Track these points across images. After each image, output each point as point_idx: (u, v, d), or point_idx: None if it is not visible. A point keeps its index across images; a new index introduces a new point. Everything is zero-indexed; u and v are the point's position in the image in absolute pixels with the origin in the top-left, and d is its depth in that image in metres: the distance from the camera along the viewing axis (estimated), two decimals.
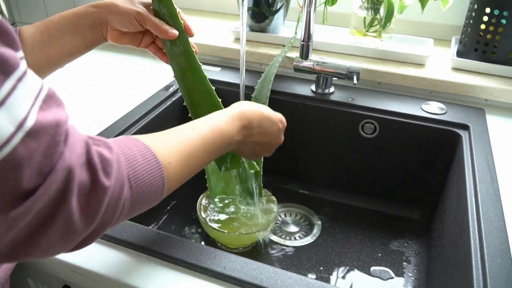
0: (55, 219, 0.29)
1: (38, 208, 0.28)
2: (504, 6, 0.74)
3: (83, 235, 0.32)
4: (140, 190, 0.36)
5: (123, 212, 0.35)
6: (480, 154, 0.63)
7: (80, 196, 0.30)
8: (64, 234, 0.30)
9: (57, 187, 0.28)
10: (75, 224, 0.30)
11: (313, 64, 0.77)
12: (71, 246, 0.32)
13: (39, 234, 0.29)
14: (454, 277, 0.51)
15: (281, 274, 0.44)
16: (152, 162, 0.37)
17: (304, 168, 0.89)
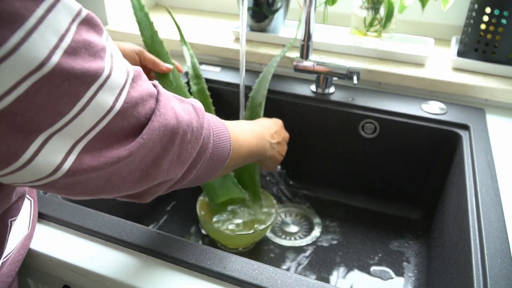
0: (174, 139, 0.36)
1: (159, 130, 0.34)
2: (505, 6, 0.74)
3: (192, 155, 0.39)
4: (217, 144, 0.44)
5: (207, 156, 0.42)
6: (480, 154, 0.63)
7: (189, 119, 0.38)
8: (180, 152, 0.37)
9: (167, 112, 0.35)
10: (188, 142, 0.38)
11: (313, 64, 0.77)
12: (184, 167, 0.39)
13: (161, 157, 0.36)
14: (454, 277, 0.51)
15: (281, 274, 0.44)
16: (223, 127, 0.46)
17: (304, 168, 0.89)
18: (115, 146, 0.32)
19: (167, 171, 0.37)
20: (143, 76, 0.35)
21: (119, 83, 0.31)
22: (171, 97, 0.37)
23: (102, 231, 0.49)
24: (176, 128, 0.36)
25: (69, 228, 0.51)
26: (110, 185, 0.34)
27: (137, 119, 0.33)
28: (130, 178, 0.35)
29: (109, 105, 0.30)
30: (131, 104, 0.32)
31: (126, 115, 0.32)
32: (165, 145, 0.35)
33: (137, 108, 0.33)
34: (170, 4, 1.20)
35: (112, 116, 0.31)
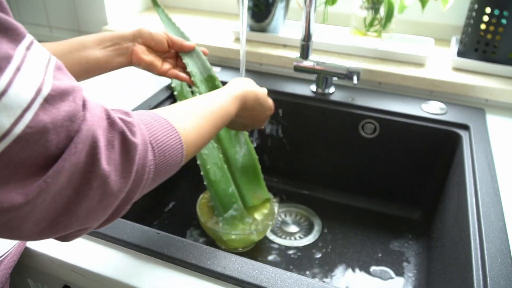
0: (91, 182, 0.29)
1: (69, 171, 0.27)
2: (505, 6, 0.74)
3: (119, 197, 0.32)
4: (162, 152, 0.37)
5: (150, 175, 0.35)
6: (480, 154, 0.63)
7: (110, 156, 0.30)
8: (101, 197, 0.30)
9: (84, 148, 0.28)
10: (110, 185, 0.30)
11: (313, 64, 0.77)
12: (107, 212, 0.33)
13: (76, 202, 0.29)
14: (454, 277, 0.51)
15: (281, 274, 0.44)
16: (168, 127, 0.39)
17: (304, 168, 0.89)
18: (9, 185, 0.26)
19: (85, 218, 0.31)
20: (72, 95, 0.29)
21: (21, 101, 0.25)
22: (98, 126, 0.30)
23: (102, 231, 0.49)
24: (91, 173, 0.29)
25: None
26: (13, 235, 0.29)
27: (45, 150, 0.26)
28: (35, 229, 0.29)
29: (4, 128, 0.24)
30: (37, 130, 0.26)
31: (29, 143, 0.26)
32: (79, 188, 0.29)
33: (46, 135, 0.26)
34: (170, 4, 1.20)
35: (9, 143, 0.25)
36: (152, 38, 0.61)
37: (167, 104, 0.80)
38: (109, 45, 0.59)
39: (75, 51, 0.56)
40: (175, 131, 0.39)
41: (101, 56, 0.58)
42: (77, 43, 0.57)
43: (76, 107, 0.28)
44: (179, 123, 0.40)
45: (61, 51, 0.55)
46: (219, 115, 0.48)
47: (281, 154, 0.89)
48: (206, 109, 0.46)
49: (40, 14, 1.11)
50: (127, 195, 0.33)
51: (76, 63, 0.56)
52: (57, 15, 1.09)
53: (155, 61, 0.62)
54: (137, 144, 0.32)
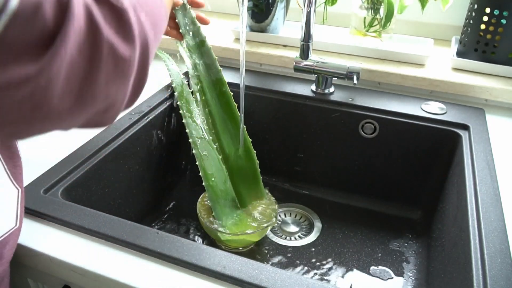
0: (99, 49, 0.29)
1: (75, 38, 0.28)
2: (504, 6, 0.74)
3: (133, 62, 0.33)
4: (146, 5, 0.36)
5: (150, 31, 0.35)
6: (480, 154, 0.63)
7: (107, 21, 0.30)
8: (115, 64, 0.31)
9: (80, 13, 0.28)
10: (120, 49, 0.31)
11: (313, 64, 0.77)
12: (128, 79, 0.33)
13: (92, 70, 0.29)
14: (454, 277, 0.51)
15: (281, 274, 0.44)
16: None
17: (304, 168, 0.89)
18: (21, 60, 0.26)
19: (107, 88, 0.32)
20: None
21: None
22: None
23: (102, 231, 0.49)
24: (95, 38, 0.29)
25: (69, 228, 0.51)
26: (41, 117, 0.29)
27: (43, 24, 0.27)
28: (63, 105, 0.29)
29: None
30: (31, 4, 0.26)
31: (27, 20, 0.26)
32: (90, 56, 0.29)
33: (41, 9, 0.26)
34: None
35: (7, 20, 0.25)
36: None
37: (167, 104, 0.80)
38: None
39: None
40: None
41: None
42: None
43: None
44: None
45: None
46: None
47: (281, 154, 0.89)
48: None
49: None
50: (140, 61, 0.34)
51: None
52: None
53: None
54: (126, 8, 0.32)
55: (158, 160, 0.80)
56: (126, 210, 0.72)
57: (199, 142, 0.70)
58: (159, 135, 0.79)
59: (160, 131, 0.79)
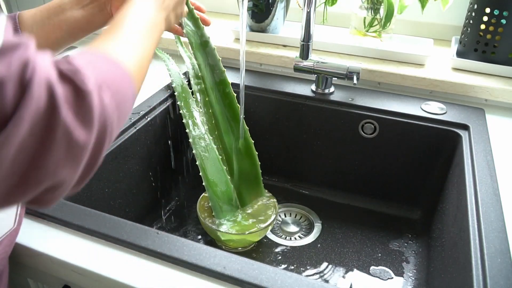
0: (54, 132, 0.28)
1: (29, 119, 0.27)
2: (504, 6, 0.74)
3: (87, 148, 0.31)
4: (115, 90, 0.35)
5: (113, 118, 0.34)
6: (480, 154, 0.63)
7: (68, 103, 0.29)
8: (67, 149, 0.29)
9: (41, 94, 0.28)
10: (75, 133, 0.29)
11: (313, 64, 0.77)
12: (79, 164, 0.32)
13: (40, 154, 0.28)
14: (454, 277, 0.51)
15: (281, 274, 0.44)
16: (110, 62, 0.37)
17: (304, 168, 0.89)
18: None
19: (54, 172, 0.30)
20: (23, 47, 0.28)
21: None
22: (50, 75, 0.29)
23: (102, 231, 0.49)
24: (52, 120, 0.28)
25: (69, 228, 0.51)
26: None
27: (2, 103, 0.26)
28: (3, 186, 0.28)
29: None
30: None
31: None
32: (42, 138, 0.28)
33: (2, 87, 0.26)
34: None
35: None
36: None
37: (167, 104, 0.80)
38: (87, 2, 0.55)
39: (54, 15, 0.54)
40: (120, 66, 0.38)
41: (81, 16, 0.55)
42: (54, 6, 0.54)
43: (29, 55, 0.28)
44: (121, 57, 0.39)
45: (40, 18, 0.53)
46: (152, 29, 0.46)
47: (281, 154, 0.89)
48: (139, 30, 0.44)
49: None
50: (96, 145, 0.32)
51: (57, 28, 0.54)
52: None
53: None
54: (90, 91, 0.31)
55: (158, 160, 0.80)
56: (126, 210, 0.72)
57: (199, 142, 0.70)
58: (159, 135, 0.79)
59: (160, 131, 0.79)
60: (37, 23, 0.53)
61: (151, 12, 0.48)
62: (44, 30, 0.53)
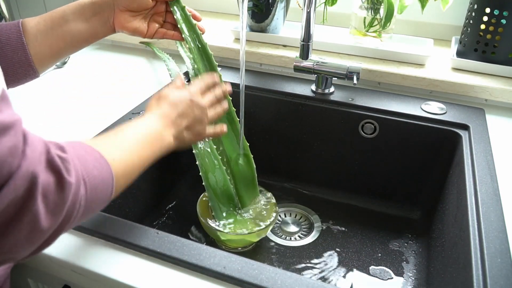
0: (22, 217, 0.29)
1: (4, 206, 0.27)
2: (504, 6, 0.74)
3: (46, 234, 0.32)
4: (93, 186, 0.36)
5: (79, 210, 0.35)
6: (480, 154, 0.63)
7: (45, 195, 0.30)
8: (29, 233, 0.30)
9: (23, 184, 0.28)
10: (41, 222, 0.30)
11: (313, 64, 0.77)
12: (33, 247, 0.32)
13: (3, 234, 0.29)
14: (454, 277, 0.51)
15: (281, 274, 0.44)
16: (99, 159, 0.38)
17: (304, 168, 0.89)
18: None
19: (9, 250, 0.31)
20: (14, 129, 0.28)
21: None
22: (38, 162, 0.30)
23: (102, 231, 0.49)
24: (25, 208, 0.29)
25: None
26: None
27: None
28: None
29: None
30: None
31: None
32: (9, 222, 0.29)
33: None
34: None
35: None
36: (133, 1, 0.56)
37: None
38: (90, 15, 0.55)
39: (57, 26, 0.54)
40: (106, 162, 0.39)
41: (85, 29, 0.55)
42: (58, 16, 0.54)
43: (17, 142, 0.28)
44: (109, 154, 0.40)
45: (44, 27, 0.54)
46: (152, 141, 0.47)
47: (281, 154, 0.89)
48: (136, 138, 0.46)
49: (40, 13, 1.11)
50: (55, 231, 0.33)
51: (60, 39, 0.54)
52: None
53: (140, 26, 0.58)
54: (72, 183, 0.32)
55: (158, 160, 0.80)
56: (126, 210, 0.72)
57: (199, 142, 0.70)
58: None
59: None
60: (41, 33, 0.53)
61: (157, 126, 0.49)
62: (48, 40, 0.54)
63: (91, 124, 0.71)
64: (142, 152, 0.45)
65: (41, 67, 0.55)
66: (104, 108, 0.77)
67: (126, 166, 0.42)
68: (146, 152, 0.46)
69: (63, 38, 0.55)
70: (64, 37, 0.55)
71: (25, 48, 0.52)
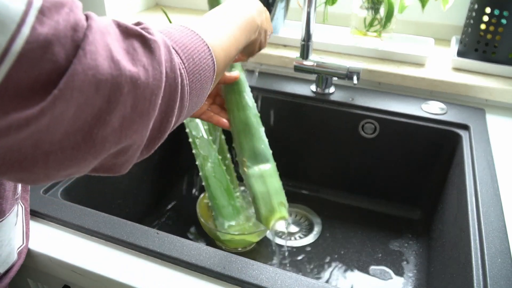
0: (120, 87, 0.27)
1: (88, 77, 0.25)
2: (505, 6, 0.74)
3: (154, 103, 0.29)
4: (189, 56, 0.34)
5: (184, 82, 0.32)
6: (480, 154, 0.63)
7: (133, 57, 0.28)
8: (134, 102, 0.28)
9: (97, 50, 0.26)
10: (141, 87, 0.28)
11: (313, 64, 0.77)
12: (146, 122, 0.29)
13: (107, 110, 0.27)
14: (454, 277, 0.51)
15: (281, 274, 0.44)
16: (190, 34, 0.36)
17: (304, 168, 0.89)
18: (22, 105, 0.24)
19: (121, 130, 0.28)
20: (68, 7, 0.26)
21: (13, 15, 0.23)
22: (107, 32, 0.28)
23: (102, 231, 0.49)
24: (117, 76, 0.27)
25: (69, 228, 0.51)
26: (43, 154, 0.26)
27: (53, 64, 0.24)
28: (68, 143, 0.26)
29: (1, 46, 0.23)
30: (38, 44, 0.24)
31: (34, 60, 0.24)
32: (109, 95, 0.26)
33: (50, 49, 0.24)
34: (170, 4, 1.20)
35: (11, 63, 0.23)
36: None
37: None
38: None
39: None
40: (199, 37, 0.36)
41: None
42: None
43: (76, 16, 0.26)
44: (206, 34, 0.37)
45: None
46: (247, 26, 0.46)
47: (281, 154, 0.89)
48: (234, 20, 0.44)
49: None
50: (164, 103, 0.31)
51: None
52: None
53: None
54: (159, 42, 0.30)
55: (158, 160, 0.80)
56: (126, 210, 0.72)
57: (198, 142, 0.70)
58: None
59: None
60: None
61: (252, 12, 0.48)
62: None
63: None
64: (239, 35, 0.44)
65: None
66: None
67: (223, 44, 0.40)
68: (241, 36, 0.45)
69: None
70: None
71: None
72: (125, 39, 0.28)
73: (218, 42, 0.39)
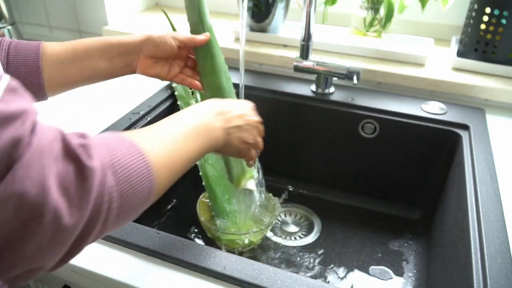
0: (41, 216, 0.26)
1: (10, 201, 0.25)
2: (504, 6, 0.74)
3: (74, 233, 0.29)
4: (125, 177, 0.32)
5: (112, 205, 0.31)
6: (480, 154, 0.63)
7: (64, 186, 0.27)
8: (53, 233, 0.27)
9: (27, 176, 0.25)
10: (64, 219, 0.27)
11: (313, 64, 0.77)
12: (61, 250, 0.29)
13: (23, 238, 0.26)
14: (454, 277, 0.51)
15: (281, 274, 0.44)
16: (132, 149, 0.34)
17: (304, 168, 0.89)
18: None
19: (34, 258, 0.27)
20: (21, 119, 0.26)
21: None
22: (49, 150, 0.27)
23: None
24: (41, 205, 0.25)
25: None
26: None
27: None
28: None
29: None
30: None
31: None
32: (27, 222, 0.25)
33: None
34: (171, 4, 1.20)
35: None
36: (160, 49, 0.56)
37: (168, 104, 0.80)
38: (115, 55, 0.55)
39: (79, 60, 0.54)
40: (140, 153, 0.34)
41: (106, 67, 0.56)
42: (82, 50, 0.54)
43: (23, 131, 0.25)
44: (146, 145, 0.36)
45: (65, 57, 0.54)
46: (199, 131, 0.44)
47: (281, 154, 0.89)
48: (180, 127, 0.42)
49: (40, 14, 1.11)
50: (84, 229, 0.29)
51: (78, 72, 0.55)
52: (57, 15, 1.09)
53: (161, 72, 0.58)
54: (95, 168, 0.29)
55: None
56: None
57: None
58: None
59: None
60: (60, 62, 0.53)
61: (205, 116, 0.46)
62: (65, 70, 0.54)
63: (91, 124, 0.71)
64: (187, 143, 0.41)
65: (51, 92, 0.55)
66: (104, 108, 0.77)
67: (168, 157, 0.38)
68: (192, 144, 0.42)
69: (81, 71, 0.55)
70: (83, 71, 0.55)
71: (40, 72, 0.52)
72: (64, 159, 0.28)
73: (162, 159, 0.37)
